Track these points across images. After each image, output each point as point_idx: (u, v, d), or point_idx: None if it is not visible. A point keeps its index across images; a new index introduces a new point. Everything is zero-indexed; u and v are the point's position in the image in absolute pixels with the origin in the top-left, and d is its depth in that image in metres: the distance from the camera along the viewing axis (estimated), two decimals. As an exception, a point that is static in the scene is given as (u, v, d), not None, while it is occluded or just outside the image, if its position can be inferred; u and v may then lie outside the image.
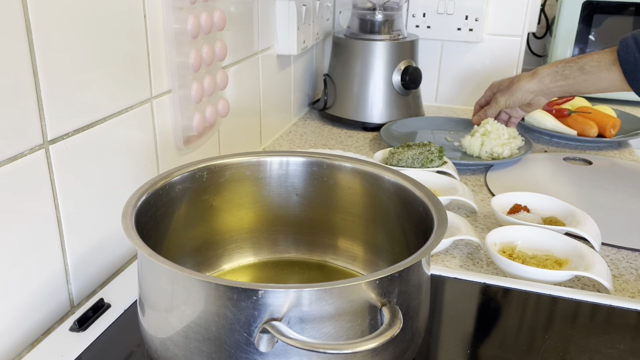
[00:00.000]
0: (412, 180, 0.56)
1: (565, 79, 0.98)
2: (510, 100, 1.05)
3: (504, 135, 1.05)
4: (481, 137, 1.05)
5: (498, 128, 1.06)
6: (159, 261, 0.42)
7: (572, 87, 0.98)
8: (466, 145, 1.07)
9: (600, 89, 0.97)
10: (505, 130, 1.06)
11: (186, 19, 0.70)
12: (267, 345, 0.40)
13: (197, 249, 0.61)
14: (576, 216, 0.77)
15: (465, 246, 0.75)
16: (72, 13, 0.56)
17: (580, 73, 0.96)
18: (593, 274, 0.63)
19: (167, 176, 0.55)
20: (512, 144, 1.05)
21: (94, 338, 0.53)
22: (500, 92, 1.07)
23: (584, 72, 0.96)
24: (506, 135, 1.05)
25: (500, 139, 1.04)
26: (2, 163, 0.50)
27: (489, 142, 1.03)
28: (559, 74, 0.99)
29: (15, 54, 0.50)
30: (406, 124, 1.21)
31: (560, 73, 0.99)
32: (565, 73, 0.98)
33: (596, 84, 0.96)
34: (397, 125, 1.20)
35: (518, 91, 1.04)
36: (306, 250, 0.65)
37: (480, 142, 1.04)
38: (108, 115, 0.63)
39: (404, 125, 1.20)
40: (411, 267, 0.43)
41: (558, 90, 1.01)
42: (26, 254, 0.54)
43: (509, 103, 1.06)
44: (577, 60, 0.97)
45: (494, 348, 0.54)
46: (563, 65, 0.99)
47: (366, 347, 0.38)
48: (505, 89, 1.06)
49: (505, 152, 1.04)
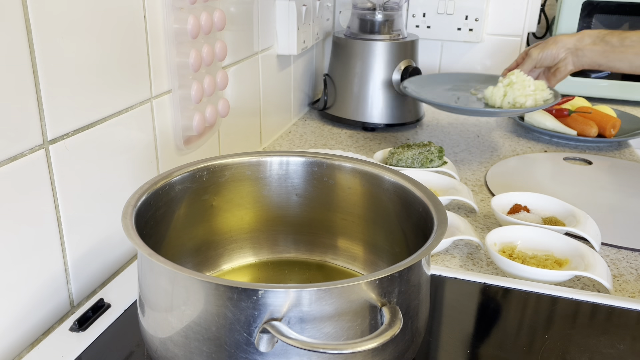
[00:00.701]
0: (412, 180, 0.56)
1: (604, 44, 0.98)
2: (543, 54, 1.04)
3: (530, 86, 1.00)
4: (504, 88, 1.01)
5: (524, 79, 1.01)
6: (159, 261, 0.42)
7: (607, 56, 0.98)
8: (488, 96, 1.03)
9: (634, 66, 0.96)
10: (531, 82, 1.01)
11: (186, 19, 0.70)
12: (267, 345, 0.40)
13: (197, 249, 0.61)
14: (576, 216, 0.77)
15: (465, 246, 0.75)
16: (72, 13, 0.56)
17: (620, 43, 0.96)
18: (593, 274, 0.63)
19: (167, 176, 0.55)
20: (537, 95, 1.00)
21: (94, 338, 0.53)
22: (535, 46, 1.06)
23: (624, 44, 0.96)
24: (532, 87, 1.00)
25: (524, 90, 1.00)
26: (2, 163, 0.50)
27: (512, 93, 0.99)
28: (599, 38, 0.98)
29: (15, 54, 0.50)
30: (431, 78, 1.18)
31: (602, 38, 0.98)
32: (607, 39, 0.97)
33: (631, 61, 0.96)
34: (421, 79, 1.17)
35: (553, 44, 1.03)
36: (306, 250, 0.65)
37: (503, 93, 1.00)
38: (108, 115, 0.63)
39: (428, 79, 1.18)
40: (411, 267, 0.43)
41: (592, 55, 1.00)
42: (26, 254, 0.54)
43: (542, 56, 1.04)
44: (622, 33, 0.97)
45: (494, 348, 0.54)
46: (607, 32, 0.99)
47: (366, 347, 0.38)
48: (541, 43, 1.06)
49: (528, 102, 0.99)
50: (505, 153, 1.12)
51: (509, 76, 1.02)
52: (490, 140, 1.19)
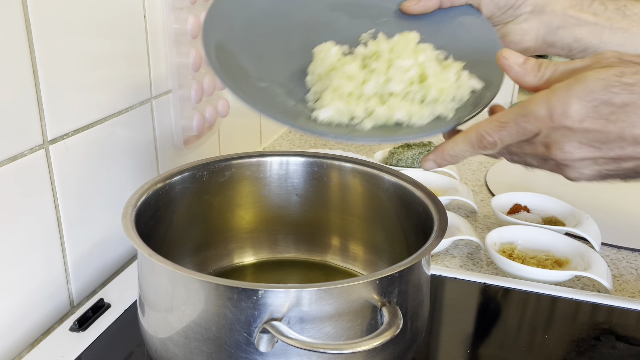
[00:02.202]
0: (412, 180, 0.56)
1: (593, 14, 0.56)
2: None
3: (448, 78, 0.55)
4: (363, 74, 0.50)
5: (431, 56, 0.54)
6: (159, 261, 0.42)
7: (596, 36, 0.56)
8: None
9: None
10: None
11: (186, 19, 0.70)
12: (267, 345, 0.40)
13: (197, 249, 0.61)
14: (576, 216, 0.77)
15: (465, 246, 0.75)
16: (72, 13, 0.56)
17: (620, 15, 0.56)
18: (593, 274, 0.63)
19: (167, 176, 0.55)
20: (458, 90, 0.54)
21: (94, 338, 0.53)
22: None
23: (626, 15, 0.56)
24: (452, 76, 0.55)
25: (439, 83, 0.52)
26: (2, 163, 0.50)
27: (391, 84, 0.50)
28: (584, 3, 0.56)
29: (15, 54, 0.50)
30: None
31: (587, 0, 0.56)
32: (595, 5, 0.56)
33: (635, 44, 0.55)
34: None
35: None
36: (306, 250, 0.65)
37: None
38: (108, 115, 0.63)
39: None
40: (411, 267, 0.43)
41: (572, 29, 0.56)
42: (26, 254, 0.54)
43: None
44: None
45: (494, 348, 0.54)
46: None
47: (366, 347, 0.38)
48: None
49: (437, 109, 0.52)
50: (505, 153, 1.12)
51: (377, 43, 0.50)
52: (490, 140, 1.19)
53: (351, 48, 0.52)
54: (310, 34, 0.53)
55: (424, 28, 0.53)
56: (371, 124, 0.45)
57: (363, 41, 0.52)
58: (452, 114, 0.47)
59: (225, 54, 0.50)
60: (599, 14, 0.55)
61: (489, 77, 0.49)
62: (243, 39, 0.52)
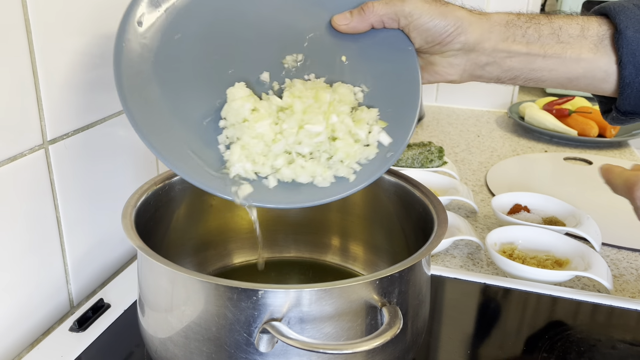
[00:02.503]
0: (412, 180, 0.56)
1: (526, 44, 0.53)
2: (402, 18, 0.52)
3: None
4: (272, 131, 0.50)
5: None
6: (159, 261, 0.42)
7: (528, 64, 0.54)
8: None
9: (572, 77, 0.54)
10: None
11: (186, 19, 0.70)
12: (267, 346, 0.40)
13: (197, 249, 0.61)
14: (576, 216, 0.77)
15: (465, 246, 0.75)
16: (72, 13, 0.56)
17: (554, 40, 0.53)
18: (593, 274, 0.63)
19: (167, 176, 0.55)
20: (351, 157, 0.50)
21: (94, 338, 0.53)
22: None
23: (560, 39, 0.53)
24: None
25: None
26: (2, 163, 0.50)
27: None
28: (516, 29, 0.53)
29: (15, 54, 0.50)
30: None
31: (521, 29, 0.53)
32: (529, 33, 0.53)
33: (569, 67, 0.53)
34: None
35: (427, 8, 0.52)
36: (306, 250, 0.65)
37: None
38: (108, 115, 0.63)
39: None
40: (411, 267, 0.43)
41: (504, 62, 0.54)
42: (26, 254, 0.54)
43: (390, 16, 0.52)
44: (548, 18, 0.54)
45: (494, 348, 0.54)
46: (526, 19, 0.54)
47: (366, 347, 0.38)
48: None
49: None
50: (506, 153, 1.12)
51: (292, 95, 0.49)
52: (491, 140, 1.19)
53: (271, 80, 0.51)
54: (233, 56, 0.51)
55: (352, 45, 0.53)
56: (275, 181, 0.47)
57: (286, 65, 0.52)
58: (353, 177, 0.48)
59: (140, 89, 0.47)
60: (532, 42, 0.53)
61: (401, 119, 0.50)
62: (162, 66, 0.49)
